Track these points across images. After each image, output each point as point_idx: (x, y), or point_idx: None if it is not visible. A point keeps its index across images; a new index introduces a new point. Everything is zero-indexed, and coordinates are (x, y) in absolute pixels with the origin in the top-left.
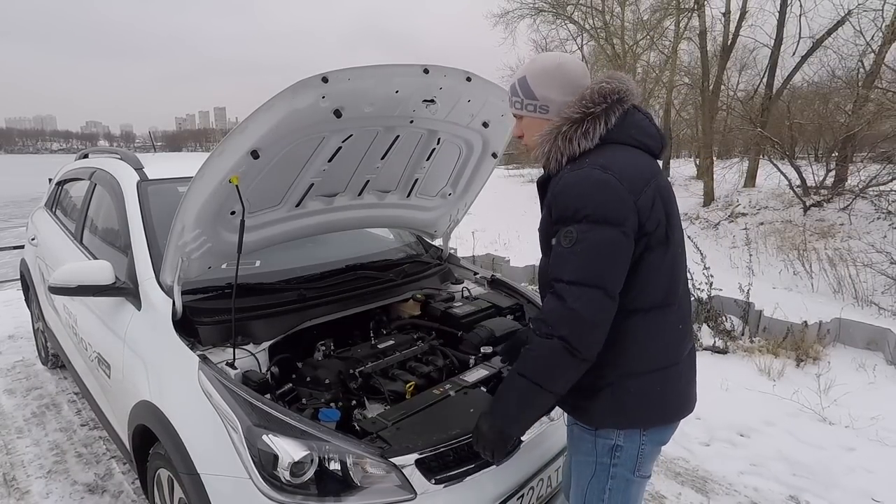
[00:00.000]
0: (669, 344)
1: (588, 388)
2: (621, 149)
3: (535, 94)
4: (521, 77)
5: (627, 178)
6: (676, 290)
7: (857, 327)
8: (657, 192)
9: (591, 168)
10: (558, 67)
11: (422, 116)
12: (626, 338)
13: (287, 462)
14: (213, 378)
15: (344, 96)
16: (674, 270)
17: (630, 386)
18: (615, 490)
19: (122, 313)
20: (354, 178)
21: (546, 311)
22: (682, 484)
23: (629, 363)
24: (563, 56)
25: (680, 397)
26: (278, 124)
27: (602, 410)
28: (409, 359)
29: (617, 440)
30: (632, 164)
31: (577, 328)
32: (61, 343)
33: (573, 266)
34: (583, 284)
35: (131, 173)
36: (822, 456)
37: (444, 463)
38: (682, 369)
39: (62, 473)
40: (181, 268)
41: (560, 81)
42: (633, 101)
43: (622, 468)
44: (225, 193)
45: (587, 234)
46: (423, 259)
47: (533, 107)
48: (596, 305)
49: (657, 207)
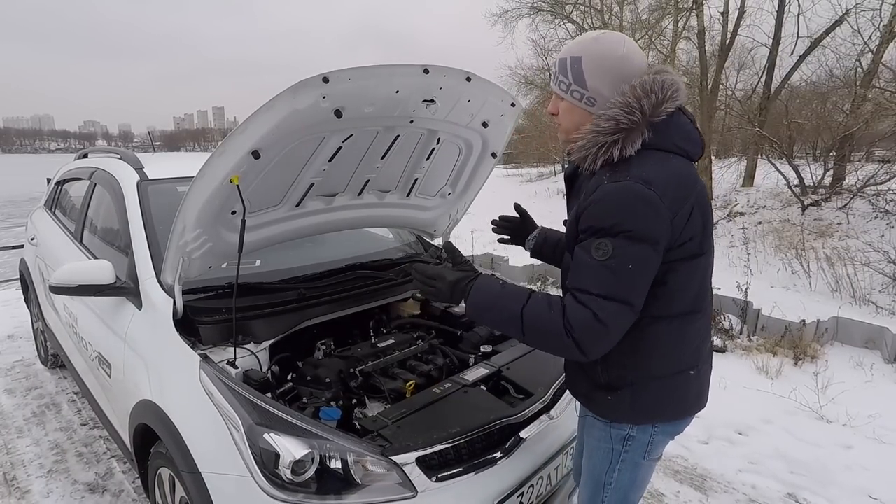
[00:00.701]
0: (693, 349)
1: (607, 386)
2: (663, 157)
3: (587, 84)
4: (577, 57)
5: (669, 195)
6: (705, 297)
7: (855, 326)
8: (696, 203)
9: (633, 182)
10: (621, 60)
11: (422, 116)
12: (652, 343)
13: (288, 460)
14: (214, 377)
15: (344, 96)
16: (704, 280)
17: (651, 387)
18: (624, 471)
19: (122, 313)
20: (354, 177)
21: (570, 314)
22: (680, 482)
23: (653, 367)
24: (628, 44)
25: (697, 395)
26: (279, 124)
27: (620, 407)
28: (408, 358)
29: (630, 431)
30: (675, 177)
31: (598, 338)
32: (61, 343)
33: (605, 281)
34: (613, 300)
35: (131, 173)
36: (820, 454)
37: (445, 461)
38: (701, 370)
39: (62, 473)
40: (182, 267)
41: (617, 76)
42: (681, 100)
43: (633, 454)
44: (226, 193)
45: (623, 251)
46: (423, 258)
47: (579, 95)
48: (622, 320)
49: (694, 219)
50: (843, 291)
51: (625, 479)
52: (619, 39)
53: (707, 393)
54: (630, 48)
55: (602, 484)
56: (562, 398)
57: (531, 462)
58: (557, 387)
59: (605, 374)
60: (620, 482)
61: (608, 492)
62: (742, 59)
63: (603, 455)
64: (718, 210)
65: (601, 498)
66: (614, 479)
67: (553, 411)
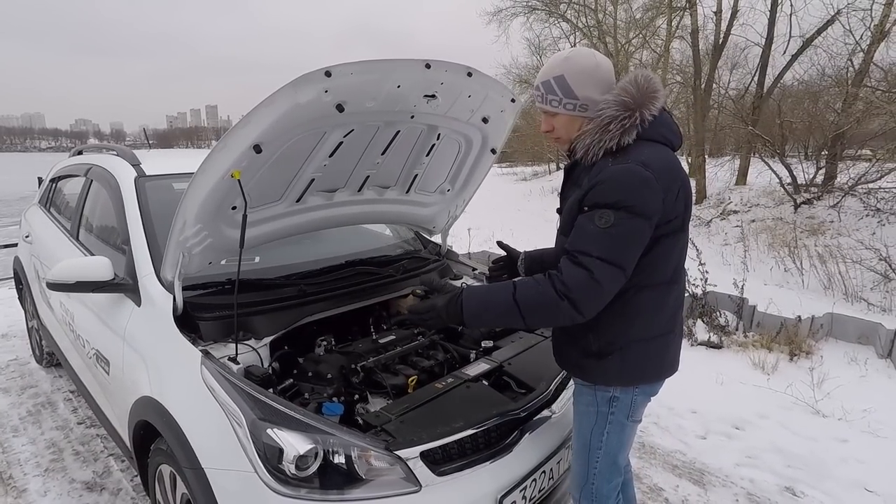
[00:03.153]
0: (671, 314)
1: (598, 353)
2: (654, 146)
3: (576, 94)
4: (559, 76)
5: (663, 176)
6: (681, 268)
7: (849, 322)
8: (681, 186)
9: (634, 164)
10: (597, 67)
11: (422, 112)
12: (637, 310)
13: (292, 455)
14: (216, 373)
15: (346, 91)
16: (681, 254)
17: (636, 350)
18: (612, 433)
19: (120, 310)
20: (355, 173)
21: (567, 275)
22: (679, 476)
23: (637, 332)
24: (596, 54)
25: (672, 359)
26: (280, 118)
27: (609, 372)
28: (409, 353)
29: (614, 392)
30: (666, 162)
31: (592, 296)
32: (57, 341)
33: (604, 245)
34: (609, 263)
35: (128, 169)
36: (816, 448)
37: (449, 455)
38: (676, 334)
39: (59, 471)
40: (182, 263)
41: (598, 81)
42: (661, 96)
43: (619, 415)
44: (227, 188)
45: (623, 222)
46: (422, 255)
47: (573, 105)
48: (614, 282)
49: (679, 200)
50: (836, 289)
51: (613, 442)
52: (589, 52)
53: (679, 359)
54: (599, 58)
55: (593, 449)
56: (563, 393)
57: (534, 456)
58: (559, 382)
59: (597, 341)
60: (609, 444)
61: (598, 456)
62: (735, 59)
63: (592, 419)
64: (712, 208)
65: (594, 464)
66: (603, 442)
67: (555, 406)
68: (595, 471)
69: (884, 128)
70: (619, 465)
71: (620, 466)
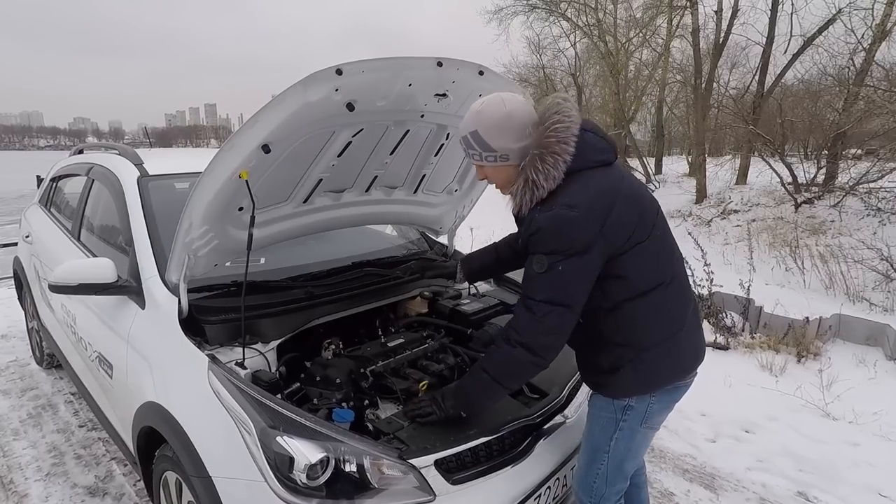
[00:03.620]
0: (674, 314)
1: (610, 369)
2: (583, 176)
3: (493, 147)
4: (473, 131)
5: (594, 209)
6: (668, 269)
7: (857, 323)
8: (624, 203)
9: (559, 209)
10: (508, 117)
11: (433, 111)
12: (636, 320)
13: (303, 464)
14: (223, 378)
15: (357, 89)
16: (659, 255)
17: (646, 358)
18: (621, 439)
19: (124, 312)
20: (363, 173)
21: (515, 320)
22: (690, 481)
23: (642, 340)
24: (507, 101)
25: (688, 356)
26: (290, 117)
27: (625, 384)
28: (419, 357)
29: (629, 402)
30: (597, 189)
31: (540, 336)
32: (58, 342)
33: (544, 287)
34: (551, 303)
35: (131, 169)
36: (827, 451)
37: (462, 463)
38: (688, 330)
39: (61, 476)
40: (187, 265)
41: (513, 129)
42: (579, 124)
43: (631, 422)
44: (234, 189)
45: (557, 264)
46: (429, 256)
47: (493, 157)
48: (561, 319)
49: (626, 218)
50: (837, 289)
51: (621, 448)
52: (498, 100)
53: (702, 348)
54: (510, 102)
55: (599, 451)
56: (575, 398)
57: (548, 463)
58: (572, 386)
59: (607, 359)
60: (617, 450)
61: (604, 459)
62: (734, 58)
63: (603, 423)
64: (713, 208)
65: (598, 465)
66: (611, 447)
67: (568, 411)
68: (598, 471)
69: (884, 127)
70: (625, 471)
71: (626, 473)
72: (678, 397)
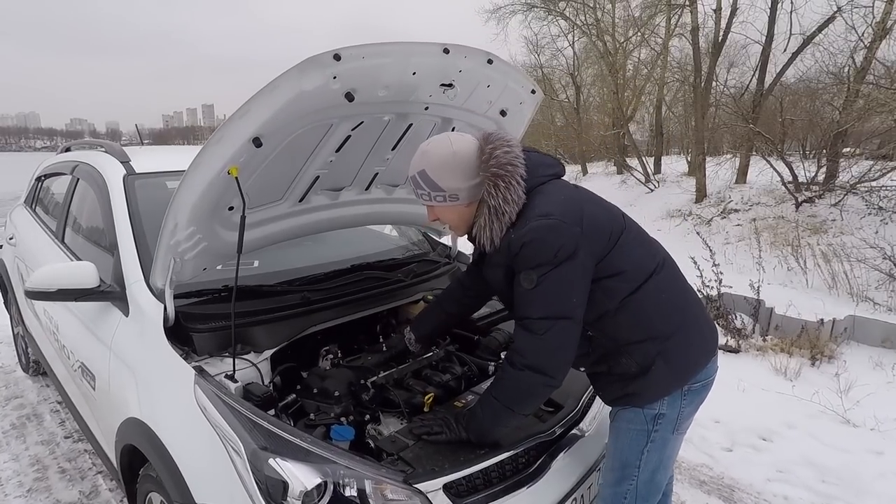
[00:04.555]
0: (681, 294)
1: (641, 370)
2: (544, 190)
3: (441, 187)
4: (421, 171)
5: (568, 213)
6: (657, 251)
7: (872, 324)
8: (590, 203)
9: (534, 221)
10: (454, 156)
11: (438, 103)
12: (649, 310)
13: (298, 490)
14: (211, 394)
15: (357, 77)
16: (643, 240)
17: (673, 346)
18: (653, 451)
19: (107, 319)
20: (362, 170)
21: (517, 343)
22: (708, 493)
23: (663, 328)
24: (454, 140)
25: (709, 328)
26: (283, 108)
27: (659, 383)
28: (424, 367)
29: (661, 409)
30: (562, 197)
31: (547, 355)
32: (42, 349)
33: (539, 304)
34: (549, 318)
35: (117, 166)
36: (850, 460)
37: (473, 486)
38: (697, 305)
39: (44, 491)
40: (173, 269)
41: (460, 168)
42: (520, 147)
43: (663, 431)
44: (223, 186)
45: (547, 275)
46: (432, 258)
47: (442, 197)
48: (564, 334)
49: (599, 216)
50: (840, 288)
51: (653, 460)
52: (444, 140)
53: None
54: (457, 142)
55: (630, 466)
56: (591, 410)
57: (565, 482)
58: (587, 398)
59: (633, 362)
60: (649, 463)
61: (635, 475)
62: (733, 58)
63: (632, 437)
64: (713, 207)
65: (628, 482)
66: (642, 461)
67: (584, 424)
68: (629, 489)
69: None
70: (658, 483)
71: (660, 485)
72: (705, 396)
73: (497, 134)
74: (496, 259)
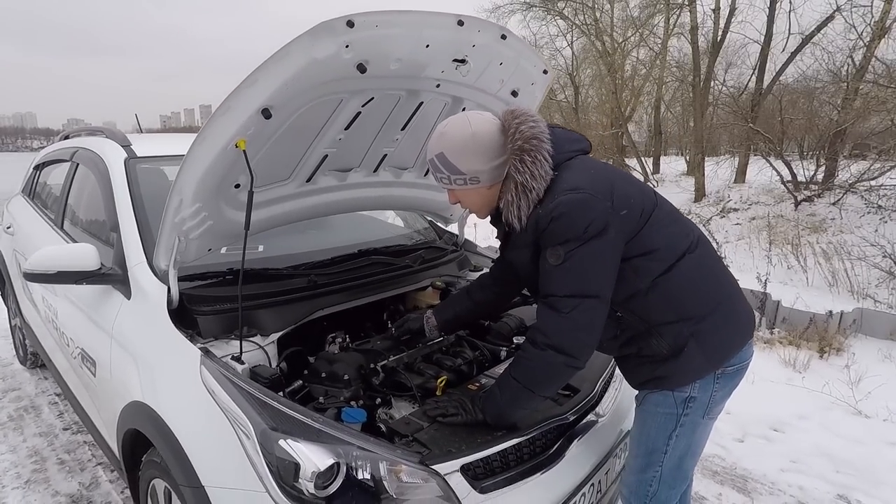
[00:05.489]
0: (716, 274)
1: (673, 352)
2: (572, 165)
3: (461, 170)
4: (439, 154)
5: (598, 188)
6: (690, 229)
7: (880, 317)
8: (620, 179)
9: (564, 195)
10: (473, 137)
11: (450, 80)
12: (682, 289)
13: (311, 472)
14: (218, 374)
15: (370, 47)
16: (676, 218)
17: (707, 328)
18: (681, 436)
19: (108, 303)
20: (371, 151)
21: (541, 322)
22: (721, 483)
23: (697, 309)
24: (473, 120)
25: (746, 311)
26: (294, 77)
27: (691, 365)
28: (434, 351)
29: (692, 392)
30: (592, 171)
31: (571, 335)
32: (41, 340)
33: (564, 281)
34: (575, 296)
35: (118, 150)
36: (864, 451)
37: (491, 468)
38: (734, 287)
39: (42, 483)
40: (178, 249)
41: (481, 150)
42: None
43: (693, 415)
44: (230, 160)
45: (574, 252)
46: (439, 245)
47: (463, 180)
48: (591, 313)
49: (629, 190)
50: (841, 286)
51: (681, 445)
52: (462, 120)
53: (750, 309)
54: (476, 122)
55: (656, 452)
56: (607, 393)
57: (582, 467)
58: (605, 381)
59: (664, 344)
60: (676, 448)
61: (662, 460)
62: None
63: (660, 421)
64: (712, 206)
65: (654, 469)
66: (670, 446)
67: (600, 408)
68: (655, 475)
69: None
70: (685, 470)
71: (687, 472)
72: (738, 381)
73: (521, 108)
74: (522, 239)
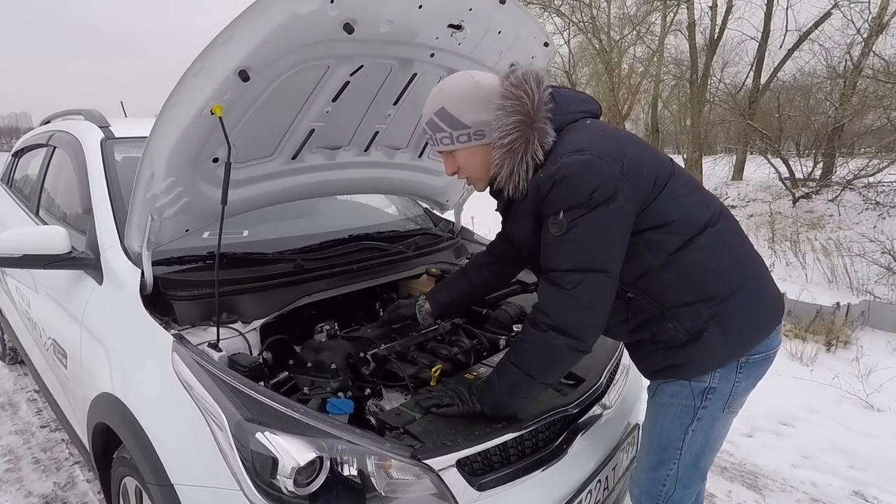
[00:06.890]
0: (740, 251)
1: (691, 337)
2: (578, 126)
3: (464, 122)
4: (439, 109)
5: (606, 150)
6: (711, 201)
7: (888, 310)
8: (631, 143)
9: (567, 156)
10: (477, 87)
11: (444, 48)
12: (701, 266)
13: (290, 467)
14: (191, 362)
15: (357, 4)
16: (695, 187)
17: (730, 309)
18: (698, 430)
19: (79, 290)
20: (361, 127)
21: (541, 300)
22: (730, 480)
23: (718, 290)
24: (474, 73)
25: (774, 294)
26: (273, 34)
27: (712, 352)
28: (429, 340)
29: (711, 382)
30: (600, 132)
31: (575, 314)
32: (18, 335)
33: (568, 253)
34: (579, 270)
35: (94, 131)
36: (878, 446)
37: (490, 464)
38: (761, 266)
39: (14, 483)
40: (151, 229)
41: (483, 100)
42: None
43: (712, 408)
44: (206, 129)
45: (577, 221)
46: (435, 232)
47: (467, 136)
48: (596, 289)
49: (642, 155)
50: (840, 282)
51: (698, 441)
52: (463, 73)
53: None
54: (479, 77)
55: (671, 448)
56: (614, 384)
57: (587, 463)
58: (610, 371)
59: (681, 328)
60: (693, 444)
61: (677, 457)
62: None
63: (676, 413)
64: None
65: (668, 466)
66: (686, 442)
67: (606, 400)
68: (669, 473)
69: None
70: (702, 468)
71: (703, 471)
72: (765, 371)
73: (517, 66)
74: (523, 208)
